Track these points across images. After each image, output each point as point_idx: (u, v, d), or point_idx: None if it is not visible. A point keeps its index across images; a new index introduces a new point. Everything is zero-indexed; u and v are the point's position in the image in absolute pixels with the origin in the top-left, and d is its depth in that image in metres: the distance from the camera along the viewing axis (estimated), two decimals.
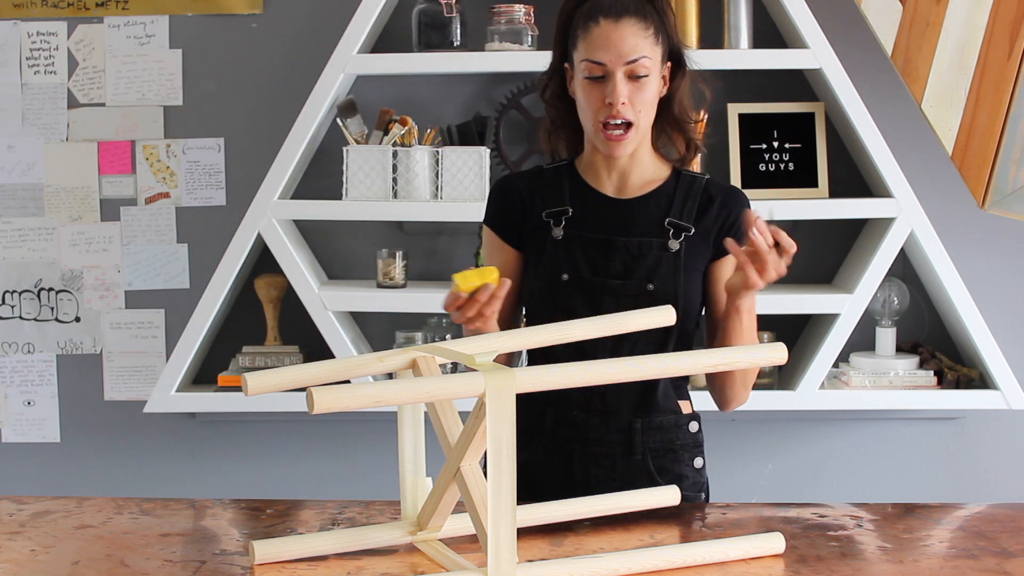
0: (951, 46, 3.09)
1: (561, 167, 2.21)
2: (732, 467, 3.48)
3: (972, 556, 1.71)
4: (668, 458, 2.16)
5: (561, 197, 2.16)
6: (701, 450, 2.22)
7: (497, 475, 1.51)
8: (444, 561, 1.66)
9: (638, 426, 2.12)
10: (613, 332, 1.92)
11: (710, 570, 1.66)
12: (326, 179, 3.40)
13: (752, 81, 3.35)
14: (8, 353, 3.52)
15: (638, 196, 2.15)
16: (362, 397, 1.46)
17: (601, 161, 2.16)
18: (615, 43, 2.04)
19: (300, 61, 3.39)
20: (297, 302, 3.26)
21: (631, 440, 2.12)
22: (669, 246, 2.11)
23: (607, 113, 2.06)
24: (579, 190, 2.17)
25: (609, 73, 2.05)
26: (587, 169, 2.19)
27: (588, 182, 2.18)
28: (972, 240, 3.38)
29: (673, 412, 2.17)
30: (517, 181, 2.22)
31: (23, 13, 3.44)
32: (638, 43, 2.05)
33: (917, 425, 3.46)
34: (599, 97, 2.06)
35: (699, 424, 2.22)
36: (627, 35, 2.04)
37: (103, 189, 3.47)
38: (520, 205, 2.18)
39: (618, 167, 2.16)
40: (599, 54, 2.04)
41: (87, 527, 1.85)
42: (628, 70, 2.05)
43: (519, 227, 2.18)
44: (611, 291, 2.09)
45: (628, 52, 2.04)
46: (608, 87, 2.05)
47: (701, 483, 2.21)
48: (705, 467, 2.23)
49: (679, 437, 2.17)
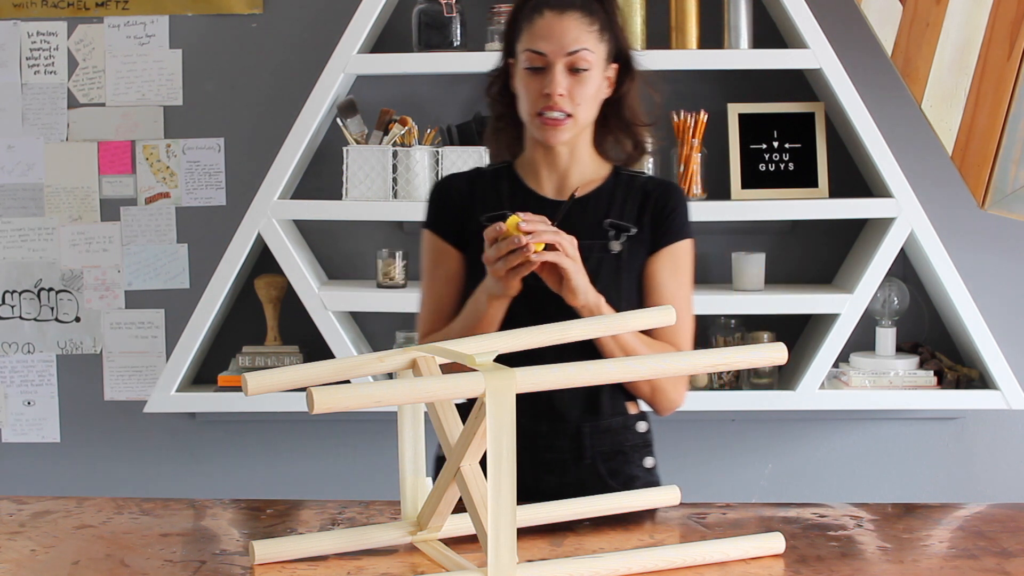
0: (951, 46, 3.09)
1: (501, 169, 2.17)
2: (732, 467, 3.48)
3: (972, 556, 1.71)
4: (618, 460, 2.13)
5: (500, 200, 2.13)
6: (651, 450, 2.19)
7: (497, 475, 1.51)
8: (444, 561, 1.66)
9: (586, 430, 2.10)
10: (613, 332, 1.92)
11: (710, 570, 1.66)
12: (326, 179, 3.40)
13: (752, 81, 3.35)
14: (8, 353, 3.52)
15: (579, 197, 2.11)
16: (362, 397, 1.46)
17: (541, 159, 2.13)
18: (557, 34, 2.02)
19: (300, 61, 3.39)
20: (297, 302, 3.27)
21: (580, 445, 2.10)
22: (610, 247, 2.08)
23: (545, 104, 2.03)
24: (518, 192, 2.13)
25: (549, 64, 2.02)
26: (527, 170, 2.15)
27: (527, 183, 2.14)
28: (972, 240, 3.38)
29: (620, 414, 2.14)
30: (458, 183, 2.18)
31: (23, 13, 3.44)
32: (580, 35, 2.03)
33: (917, 425, 3.46)
34: (538, 88, 2.03)
35: (648, 424, 2.18)
36: (570, 27, 2.03)
37: (103, 189, 3.47)
38: (461, 207, 2.14)
39: (558, 167, 2.12)
40: (540, 44, 2.02)
41: (87, 527, 1.85)
42: (568, 62, 2.02)
43: (462, 230, 2.13)
44: (554, 298, 2.01)
45: (570, 43, 2.02)
46: (547, 78, 2.03)
47: (653, 483, 2.16)
48: (656, 467, 2.19)
49: (628, 439, 2.14)
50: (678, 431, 3.44)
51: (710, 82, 3.38)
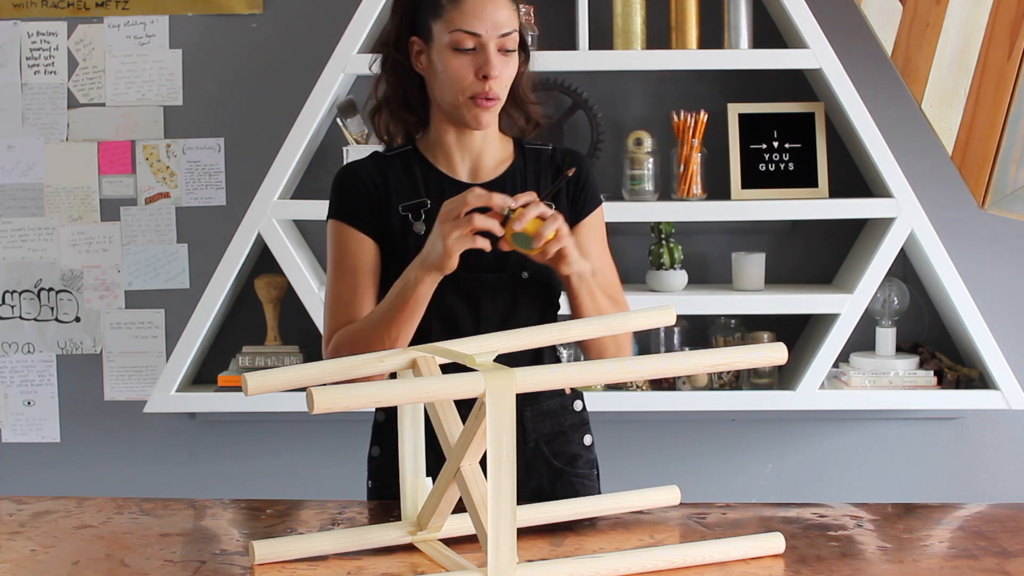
0: (951, 46, 3.09)
1: (407, 152, 2.09)
2: (732, 467, 3.48)
3: (972, 556, 1.71)
4: (560, 441, 2.14)
5: (415, 187, 2.06)
6: (588, 428, 2.20)
7: (497, 475, 1.51)
8: (444, 561, 1.66)
9: (528, 414, 2.10)
10: (613, 332, 1.91)
11: (710, 570, 1.66)
12: (326, 179, 3.39)
13: (752, 81, 3.35)
14: (8, 353, 3.52)
15: (493, 179, 2.07)
16: (362, 397, 1.46)
17: (454, 142, 2.07)
18: (491, 14, 1.96)
19: (300, 61, 3.39)
20: (297, 302, 3.27)
21: (523, 428, 2.10)
22: None
23: (480, 88, 1.97)
24: (432, 178, 2.07)
25: (481, 45, 1.97)
26: (436, 153, 2.08)
27: (440, 168, 2.08)
28: (972, 240, 3.38)
29: (558, 395, 2.15)
30: (366, 169, 2.08)
31: (23, 13, 3.44)
32: (510, 16, 1.99)
33: (917, 425, 3.46)
34: (470, 70, 1.97)
35: (583, 403, 2.19)
36: (501, 6, 1.98)
37: (103, 189, 3.47)
38: (375, 194, 2.05)
39: (472, 148, 2.07)
40: (474, 24, 1.96)
41: (87, 527, 1.85)
42: (499, 43, 1.98)
43: (377, 218, 2.05)
44: (487, 285, 2.01)
45: (503, 24, 1.97)
46: (480, 59, 1.96)
47: (592, 459, 2.20)
48: (594, 444, 2.20)
49: (567, 419, 2.16)
50: (678, 431, 3.45)
51: (710, 82, 3.38)
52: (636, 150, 3.28)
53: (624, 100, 3.43)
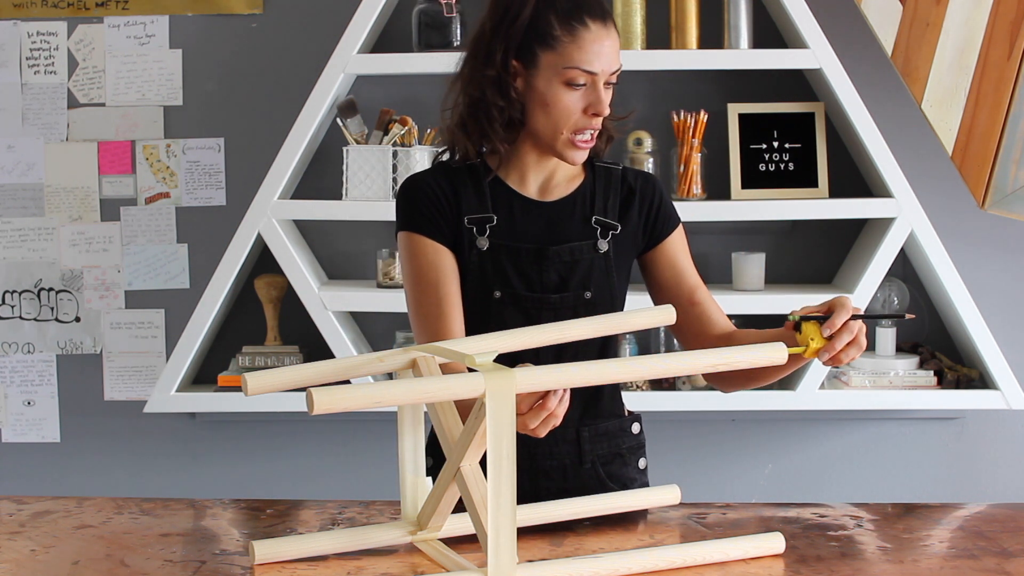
0: (951, 46, 3.09)
1: (476, 167, 2.03)
2: (732, 467, 3.48)
3: (972, 556, 1.71)
4: (616, 463, 2.08)
5: (483, 202, 2.01)
6: (644, 451, 2.15)
7: (497, 475, 1.51)
8: (444, 561, 1.66)
9: (586, 434, 2.05)
10: (613, 332, 1.92)
11: (710, 570, 1.66)
12: (326, 179, 3.40)
13: (752, 81, 3.35)
14: (8, 353, 3.52)
15: (563, 198, 2.04)
16: (362, 397, 1.46)
17: (532, 162, 2.03)
18: (607, 52, 1.93)
19: (300, 61, 3.39)
20: (297, 302, 3.27)
21: (580, 450, 2.05)
22: (598, 247, 2.03)
23: (586, 123, 1.95)
24: (501, 193, 2.02)
25: (593, 83, 1.93)
26: (509, 169, 2.04)
27: (510, 184, 2.03)
28: (972, 240, 3.38)
29: (617, 416, 2.10)
30: (435, 179, 2.03)
31: (23, 13, 3.44)
32: (618, 52, 1.96)
33: (917, 425, 3.46)
34: (580, 106, 1.94)
35: (640, 425, 2.14)
36: (615, 45, 1.95)
37: (103, 189, 3.47)
38: (445, 204, 2.00)
39: (547, 167, 2.04)
40: (592, 63, 1.91)
41: (87, 527, 1.85)
42: (607, 79, 1.95)
43: (452, 228, 2.00)
44: (549, 305, 1.98)
45: (615, 61, 1.95)
46: (591, 96, 1.93)
47: (645, 484, 2.14)
48: (647, 468, 2.15)
49: (624, 441, 2.10)
50: (678, 431, 3.44)
51: (710, 82, 3.38)
52: (636, 150, 3.28)
53: (624, 100, 3.42)
